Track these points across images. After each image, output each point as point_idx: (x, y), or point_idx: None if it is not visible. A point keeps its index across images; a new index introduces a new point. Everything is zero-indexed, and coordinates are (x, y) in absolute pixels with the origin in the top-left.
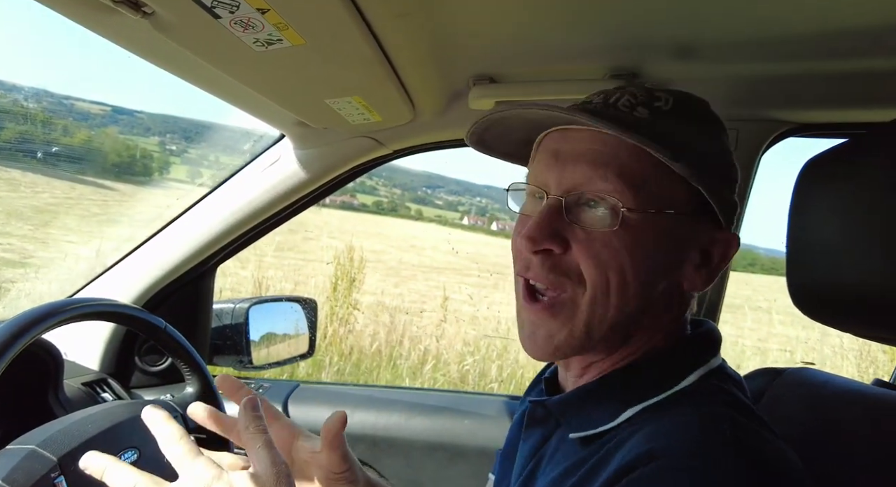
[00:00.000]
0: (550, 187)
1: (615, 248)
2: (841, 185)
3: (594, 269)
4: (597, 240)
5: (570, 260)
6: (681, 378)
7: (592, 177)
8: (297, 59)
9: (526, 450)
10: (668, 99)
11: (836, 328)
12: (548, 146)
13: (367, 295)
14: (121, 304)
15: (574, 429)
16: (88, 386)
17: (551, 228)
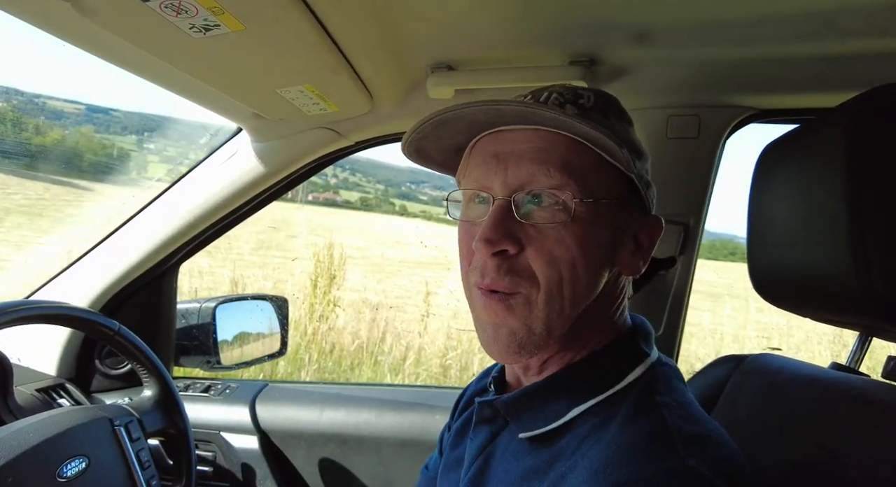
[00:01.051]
0: (495, 189)
1: (566, 244)
2: (792, 171)
3: (547, 267)
4: (549, 236)
5: (522, 260)
6: (623, 374)
7: (536, 173)
8: (240, 45)
9: (474, 448)
10: (590, 96)
11: (794, 313)
12: (485, 148)
13: (350, 292)
14: (69, 307)
15: (523, 428)
16: (44, 392)
17: (504, 228)
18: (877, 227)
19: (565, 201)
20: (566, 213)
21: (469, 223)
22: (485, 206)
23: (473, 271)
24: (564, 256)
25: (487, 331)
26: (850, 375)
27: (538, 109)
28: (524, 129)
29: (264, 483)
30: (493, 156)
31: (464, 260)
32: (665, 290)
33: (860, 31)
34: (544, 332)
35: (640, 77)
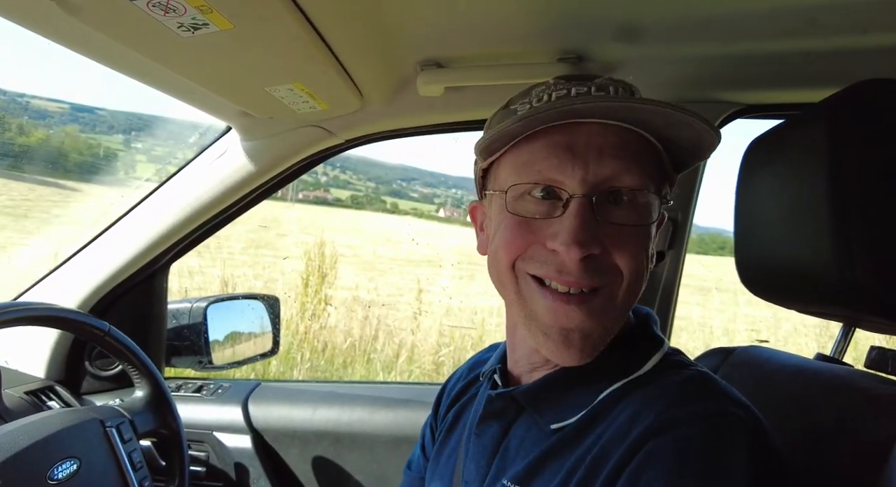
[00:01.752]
0: (570, 185)
1: (644, 242)
2: (778, 165)
3: (632, 263)
4: (630, 235)
5: (606, 258)
6: (645, 360)
7: (620, 171)
8: (228, 44)
9: (486, 444)
10: (635, 89)
11: (780, 305)
12: (553, 140)
13: (342, 290)
14: (58, 308)
15: (550, 419)
16: (33, 395)
17: (592, 230)
18: (860, 220)
19: (648, 202)
20: (643, 214)
21: (527, 219)
22: (551, 203)
23: (535, 263)
24: (641, 254)
25: (553, 336)
26: (834, 365)
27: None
28: (599, 124)
29: (258, 483)
30: (567, 148)
31: (508, 253)
32: (654, 284)
33: (842, 27)
34: (615, 327)
35: (629, 73)
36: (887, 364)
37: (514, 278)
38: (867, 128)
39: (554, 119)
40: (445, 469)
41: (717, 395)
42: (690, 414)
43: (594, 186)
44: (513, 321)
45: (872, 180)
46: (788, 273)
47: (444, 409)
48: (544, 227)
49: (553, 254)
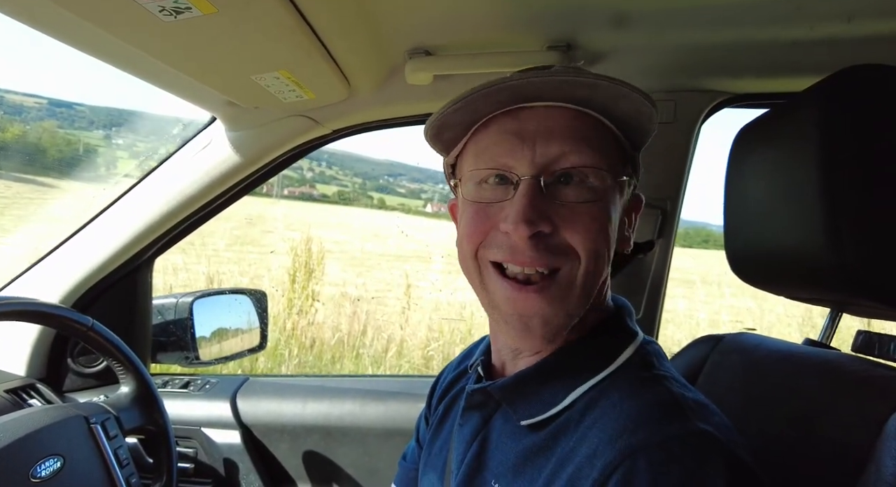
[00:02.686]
0: (519, 168)
1: (599, 220)
2: (767, 152)
3: (586, 240)
4: (582, 213)
5: (558, 238)
6: (617, 353)
7: (567, 151)
8: (212, 29)
9: (466, 434)
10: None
11: (769, 291)
12: (503, 127)
13: (330, 286)
14: (39, 303)
15: (522, 415)
16: (13, 393)
17: (541, 208)
18: (849, 204)
19: (595, 180)
20: (595, 192)
21: (483, 205)
22: (504, 187)
23: (492, 249)
24: (598, 231)
25: (513, 323)
26: (822, 350)
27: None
28: (548, 107)
29: (247, 478)
30: (515, 133)
31: (471, 242)
32: (644, 274)
33: (828, 15)
34: (576, 312)
35: (618, 62)
36: (874, 347)
37: (477, 267)
38: (855, 112)
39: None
40: (437, 459)
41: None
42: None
43: (543, 167)
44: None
45: (861, 164)
46: (779, 259)
47: (436, 401)
48: (498, 212)
49: (507, 237)
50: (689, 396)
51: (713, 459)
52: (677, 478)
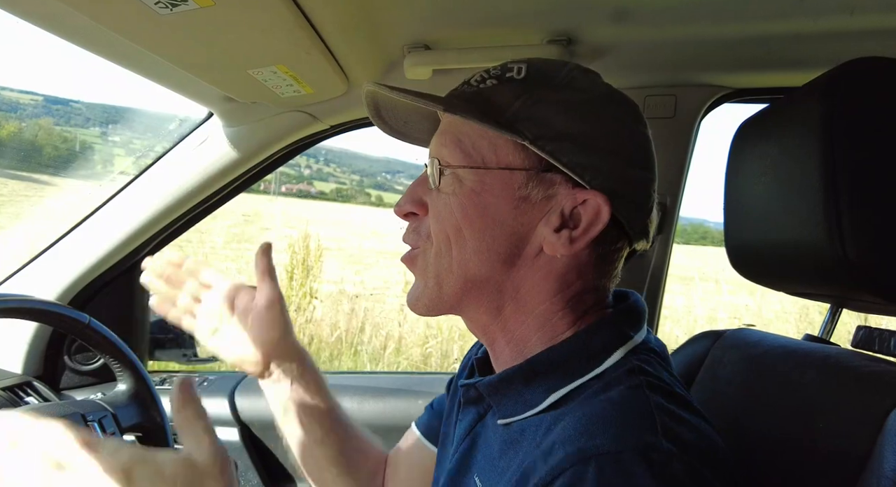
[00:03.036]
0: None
1: (449, 205)
2: (768, 147)
3: (435, 225)
4: (439, 199)
5: (425, 221)
6: (603, 358)
7: (437, 145)
8: (209, 23)
9: (462, 429)
10: (521, 68)
11: (770, 287)
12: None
13: (328, 284)
14: (36, 300)
15: (502, 414)
16: (9, 391)
17: (413, 194)
18: (850, 198)
19: (453, 169)
20: (455, 180)
21: None
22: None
23: None
24: (449, 217)
25: (410, 288)
26: (823, 345)
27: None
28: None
29: (246, 476)
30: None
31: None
32: (643, 270)
33: (831, 8)
34: (436, 288)
35: (618, 57)
36: (874, 342)
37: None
38: (857, 106)
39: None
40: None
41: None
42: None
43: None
44: None
45: (862, 159)
46: (779, 254)
47: (451, 392)
48: None
49: None
50: (667, 406)
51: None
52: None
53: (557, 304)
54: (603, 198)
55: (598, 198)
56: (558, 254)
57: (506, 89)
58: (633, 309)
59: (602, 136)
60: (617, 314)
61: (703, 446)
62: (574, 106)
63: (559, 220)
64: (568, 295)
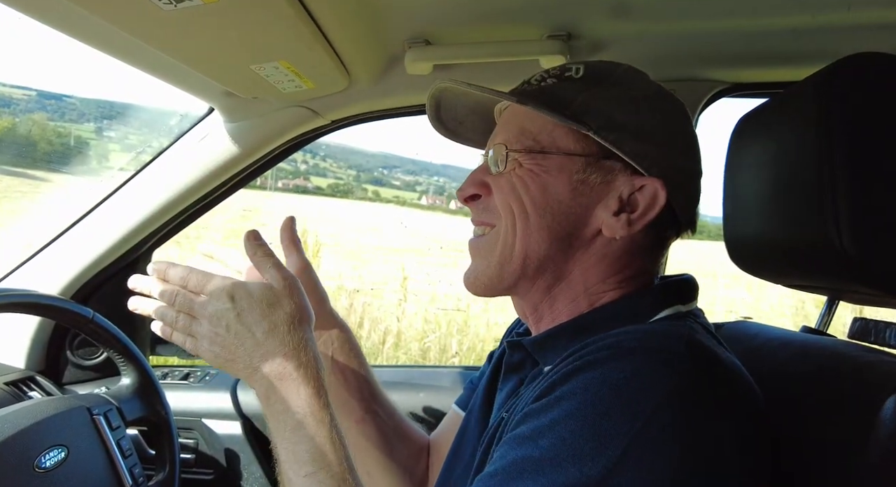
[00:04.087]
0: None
1: (512, 182)
2: (766, 140)
3: (500, 198)
4: (503, 178)
5: (491, 200)
6: (650, 316)
7: (501, 133)
8: (212, 18)
9: (503, 396)
10: (580, 68)
11: (768, 280)
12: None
13: (326, 279)
14: (39, 294)
15: (545, 363)
16: (13, 386)
17: (474, 178)
18: (847, 191)
19: (518, 153)
20: (518, 162)
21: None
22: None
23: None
24: (513, 192)
25: (467, 269)
26: (820, 337)
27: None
28: (510, 105)
29: (249, 469)
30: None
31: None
32: None
33: (829, 3)
34: (497, 267)
35: (618, 52)
36: (870, 333)
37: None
38: (855, 101)
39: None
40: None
41: (684, 341)
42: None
43: (490, 146)
44: None
45: (860, 153)
46: (777, 247)
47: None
48: None
49: None
50: (707, 344)
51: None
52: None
53: (610, 285)
54: (660, 184)
55: (656, 183)
56: (617, 236)
57: (567, 86)
58: (682, 283)
59: (658, 129)
60: (664, 285)
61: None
62: (631, 101)
63: (618, 204)
64: (620, 277)
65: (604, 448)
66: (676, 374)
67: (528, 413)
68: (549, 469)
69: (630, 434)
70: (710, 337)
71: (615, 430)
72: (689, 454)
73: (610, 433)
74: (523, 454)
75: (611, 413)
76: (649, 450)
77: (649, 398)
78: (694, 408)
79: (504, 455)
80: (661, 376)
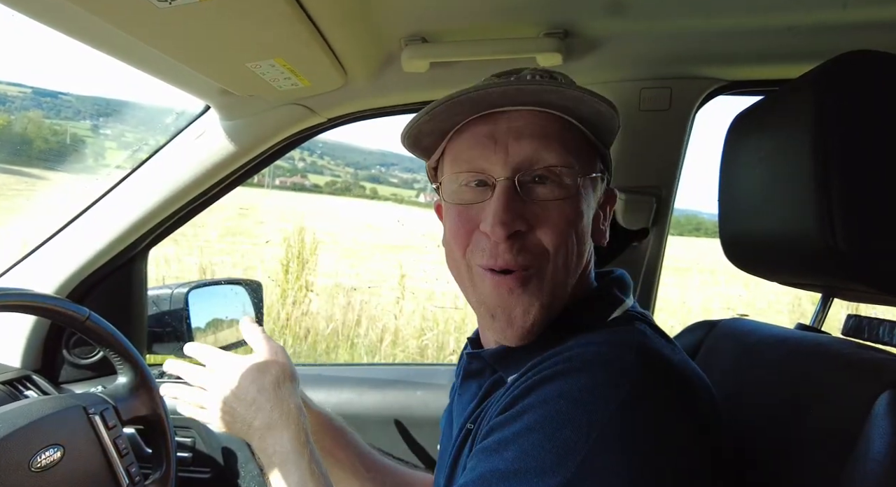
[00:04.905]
0: (494, 170)
1: (569, 217)
2: (762, 139)
3: (557, 239)
4: (553, 210)
5: (533, 237)
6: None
7: (539, 150)
8: (207, 16)
9: (465, 401)
10: (559, 76)
11: (763, 277)
12: (476, 130)
13: (324, 277)
14: (35, 294)
15: (509, 374)
16: (8, 385)
17: (515, 209)
18: (842, 189)
19: (567, 178)
20: (567, 190)
21: (464, 207)
22: (482, 189)
23: (477, 253)
24: (568, 228)
25: (499, 316)
26: (814, 334)
27: (563, 88)
28: (518, 110)
29: (246, 467)
30: (488, 136)
31: (458, 244)
32: (638, 261)
33: (825, 1)
34: (550, 305)
35: (614, 49)
36: (863, 330)
37: (467, 267)
38: (849, 99)
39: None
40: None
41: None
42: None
43: (516, 168)
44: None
45: (854, 150)
46: (772, 245)
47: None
48: (479, 213)
49: (486, 239)
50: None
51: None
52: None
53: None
54: (614, 193)
55: (612, 191)
56: (604, 244)
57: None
58: (623, 279)
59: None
60: (610, 284)
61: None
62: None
63: (603, 215)
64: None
65: (563, 459)
66: (629, 384)
67: (494, 425)
68: (514, 481)
69: (587, 445)
70: (661, 338)
71: (573, 442)
72: (645, 461)
73: (568, 444)
74: (491, 466)
75: (568, 425)
76: (606, 460)
77: (603, 409)
78: (646, 416)
79: (473, 467)
80: (614, 386)
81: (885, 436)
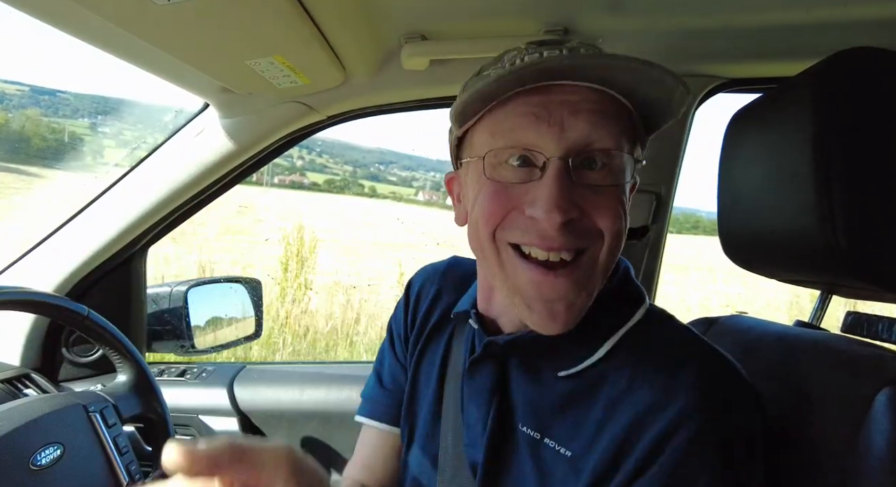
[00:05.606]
0: (547, 148)
1: (618, 203)
2: (761, 135)
3: (612, 223)
4: (607, 195)
5: (585, 221)
6: (633, 310)
7: (597, 131)
8: (207, 13)
9: (482, 387)
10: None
11: (761, 274)
12: (526, 103)
13: (323, 275)
14: (34, 292)
15: (554, 366)
16: (7, 383)
17: (571, 193)
18: (842, 186)
19: (622, 163)
20: (619, 177)
21: (504, 184)
22: (527, 169)
23: (515, 231)
24: (618, 216)
25: (537, 309)
26: (814, 331)
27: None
28: (571, 85)
29: None
30: (541, 106)
31: (488, 224)
32: (637, 259)
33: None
34: (594, 291)
35: (614, 47)
36: (862, 327)
37: (495, 249)
38: (848, 96)
39: (529, 78)
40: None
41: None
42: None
43: (569, 148)
44: (488, 283)
45: (852, 148)
46: (772, 241)
47: (413, 340)
48: (522, 193)
49: (533, 222)
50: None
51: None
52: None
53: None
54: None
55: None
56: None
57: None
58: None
59: None
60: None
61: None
62: None
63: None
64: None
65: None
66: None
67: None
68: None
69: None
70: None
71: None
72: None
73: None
74: None
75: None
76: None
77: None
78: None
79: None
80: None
81: (884, 432)
